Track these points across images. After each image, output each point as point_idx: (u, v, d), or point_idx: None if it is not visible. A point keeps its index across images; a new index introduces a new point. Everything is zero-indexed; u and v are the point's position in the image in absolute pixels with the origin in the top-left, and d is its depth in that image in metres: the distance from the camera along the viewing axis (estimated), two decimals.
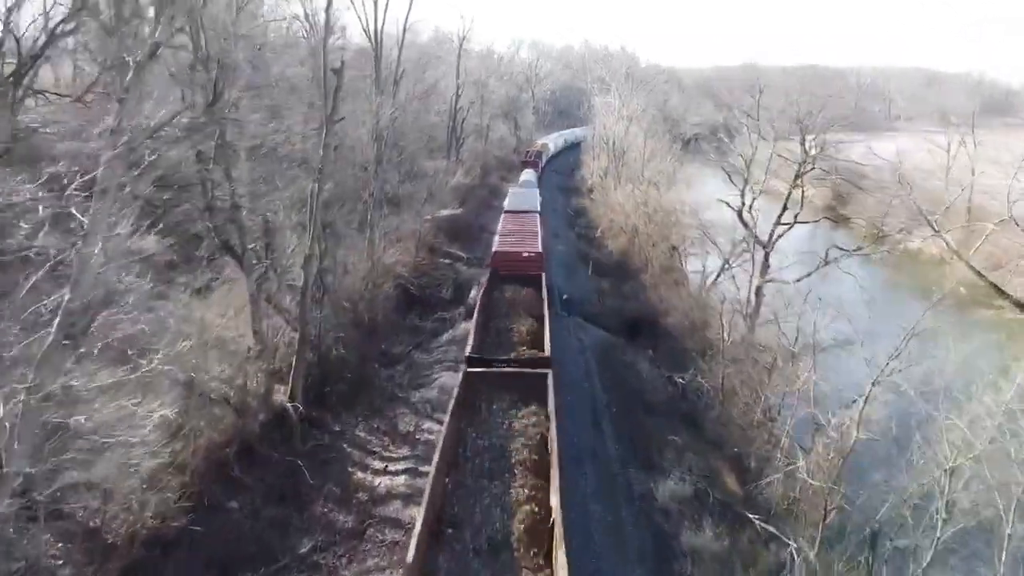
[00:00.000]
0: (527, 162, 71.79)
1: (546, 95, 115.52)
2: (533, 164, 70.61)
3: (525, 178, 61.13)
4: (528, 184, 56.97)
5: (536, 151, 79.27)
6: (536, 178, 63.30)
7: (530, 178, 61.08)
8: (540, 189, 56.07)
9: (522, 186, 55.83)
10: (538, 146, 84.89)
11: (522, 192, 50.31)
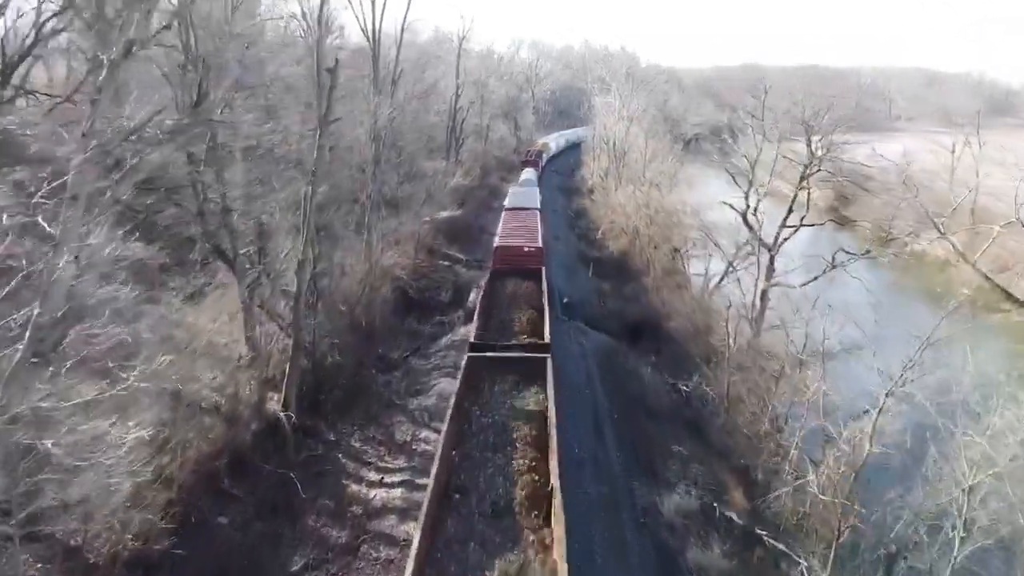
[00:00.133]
0: (527, 161, 72.71)
1: (546, 95, 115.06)
2: (533, 163, 71.46)
3: (526, 177, 62.00)
4: (528, 183, 57.75)
5: (537, 151, 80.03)
6: (536, 177, 64.28)
7: (530, 177, 61.97)
8: (540, 188, 56.62)
9: (523, 185, 56.54)
10: (539, 145, 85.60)
11: (523, 190, 51.02)
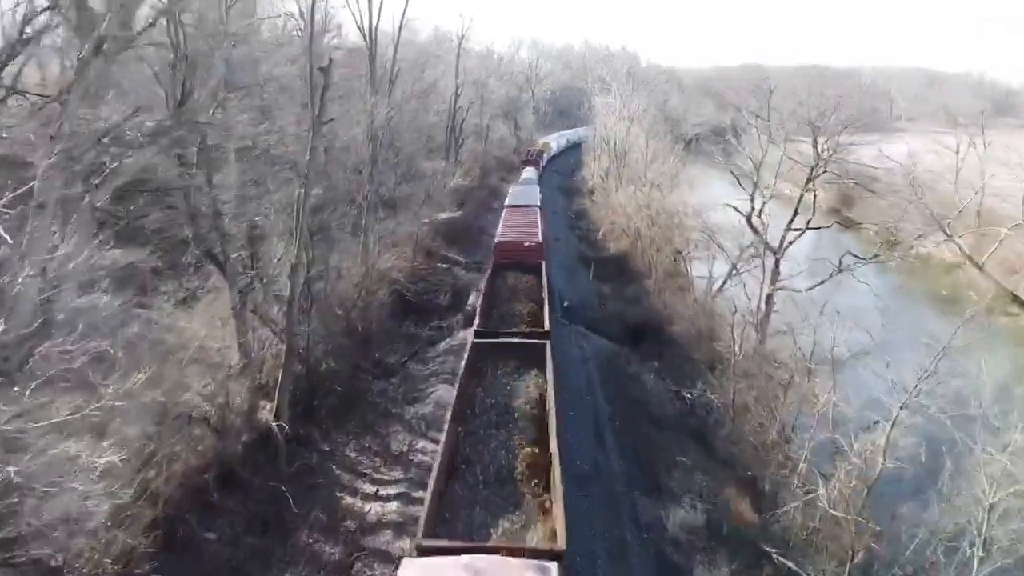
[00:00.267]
0: (528, 161, 73.91)
1: (546, 95, 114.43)
2: (534, 163, 72.69)
3: (526, 175, 63.76)
4: (529, 181, 59.12)
5: (537, 150, 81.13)
6: (537, 176, 65.59)
7: (531, 175, 63.44)
8: (540, 188, 57.27)
9: (523, 183, 57.98)
10: (539, 145, 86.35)
11: (523, 188, 52.45)
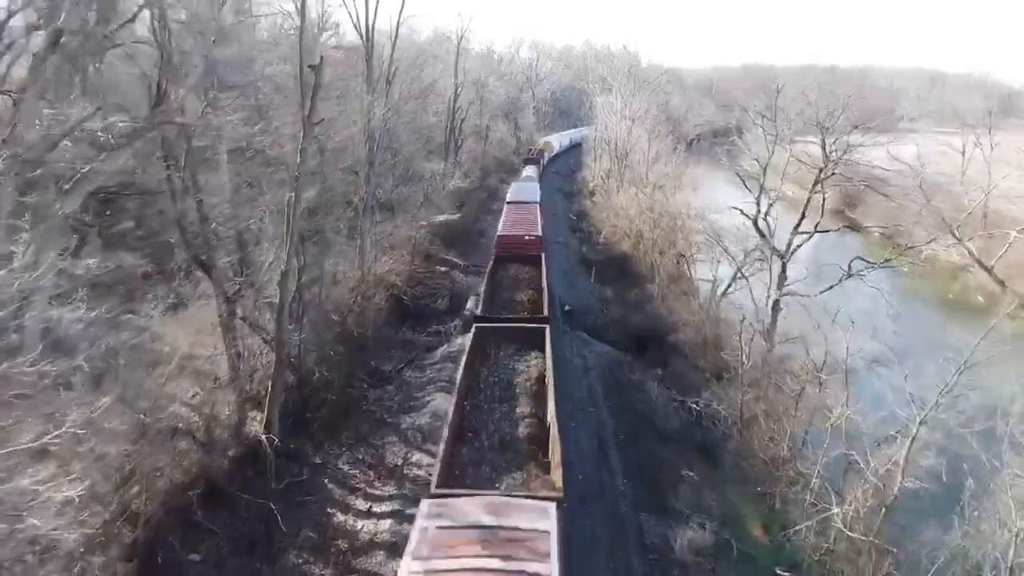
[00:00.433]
0: (529, 159, 75.79)
1: (546, 95, 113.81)
2: (535, 161, 74.41)
3: (527, 173, 65.81)
4: (529, 179, 61.01)
5: (539, 150, 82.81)
6: (537, 174, 67.27)
7: (531, 173, 65.42)
8: (540, 185, 58.57)
9: (524, 180, 59.62)
10: (540, 145, 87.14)
11: (524, 185, 54.24)
